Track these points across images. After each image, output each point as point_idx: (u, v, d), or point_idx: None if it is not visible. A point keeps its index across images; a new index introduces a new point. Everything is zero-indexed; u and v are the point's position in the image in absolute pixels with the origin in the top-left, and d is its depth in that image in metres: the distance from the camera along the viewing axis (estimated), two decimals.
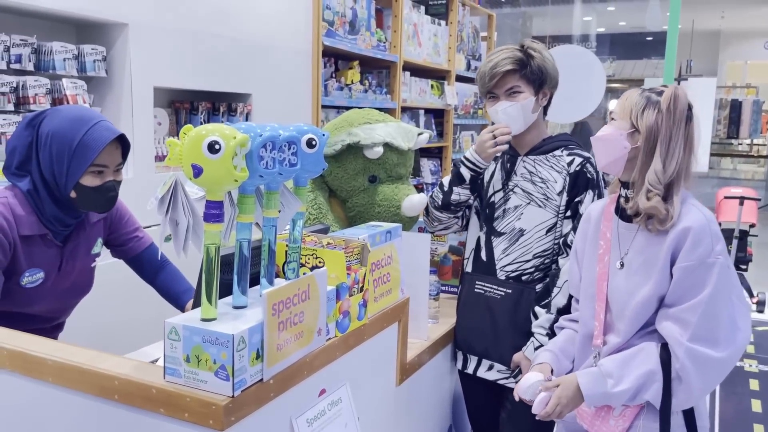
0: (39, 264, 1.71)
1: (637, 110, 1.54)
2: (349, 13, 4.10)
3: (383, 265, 1.67)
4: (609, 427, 1.57)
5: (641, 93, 1.58)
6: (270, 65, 3.43)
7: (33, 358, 1.30)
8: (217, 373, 1.14)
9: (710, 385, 1.51)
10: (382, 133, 2.12)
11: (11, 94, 2.33)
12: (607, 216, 1.67)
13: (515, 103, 1.93)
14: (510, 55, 1.92)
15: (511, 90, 1.94)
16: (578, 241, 1.77)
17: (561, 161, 1.96)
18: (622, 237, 1.63)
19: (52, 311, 1.81)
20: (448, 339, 2.10)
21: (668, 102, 1.53)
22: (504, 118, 1.94)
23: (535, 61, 1.93)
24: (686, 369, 1.47)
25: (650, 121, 1.52)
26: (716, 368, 1.48)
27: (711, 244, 1.49)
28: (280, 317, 1.22)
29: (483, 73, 1.96)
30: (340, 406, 1.46)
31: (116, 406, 1.21)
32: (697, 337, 1.47)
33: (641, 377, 1.51)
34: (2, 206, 1.64)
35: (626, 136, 1.56)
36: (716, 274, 1.47)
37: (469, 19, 5.94)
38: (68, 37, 2.68)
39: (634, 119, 1.54)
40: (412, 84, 5.01)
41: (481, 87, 2.00)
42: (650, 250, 1.56)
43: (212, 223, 1.16)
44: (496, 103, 1.96)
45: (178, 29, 2.85)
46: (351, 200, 2.17)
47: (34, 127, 1.66)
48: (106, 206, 1.72)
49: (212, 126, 1.13)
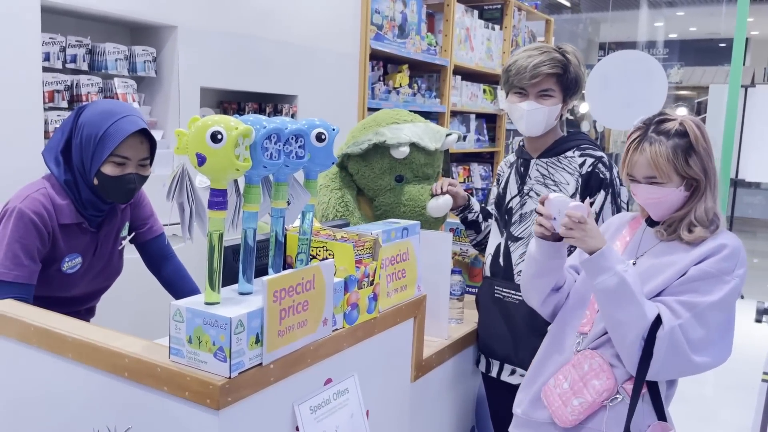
0: (76, 249, 1.81)
1: (680, 163, 1.51)
2: (398, 17, 4.15)
3: (398, 261, 1.69)
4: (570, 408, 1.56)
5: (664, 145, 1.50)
6: (316, 68, 3.50)
7: (55, 335, 1.39)
8: (216, 355, 1.18)
9: (670, 372, 1.50)
10: (409, 133, 2.14)
11: (65, 92, 2.48)
12: (633, 225, 1.67)
13: (542, 107, 1.90)
14: (554, 57, 1.89)
15: (545, 92, 1.91)
16: None
17: (573, 162, 1.93)
18: (644, 241, 1.62)
19: (88, 294, 1.92)
20: (470, 340, 2.09)
21: (701, 140, 1.52)
22: (527, 118, 1.91)
23: (572, 68, 1.91)
24: (662, 341, 1.45)
25: (699, 167, 1.53)
26: (683, 363, 1.47)
27: (736, 266, 1.50)
28: (282, 304, 1.26)
29: (522, 68, 1.88)
30: (347, 397, 1.49)
31: (125, 383, 1.28)
32: (684, 332, 1.46)
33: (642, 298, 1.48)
34: (42, 196, 1.73)
35: (683, 188, 1.54)
36: (727, 291, 1.48)
37: (525, 24, 5.88)
38: (122, 38, 2.82)
39: (683, 172, 1.52)
40: (463, 88, 5.01)
41: (512, 80, 1.92)
42: (668, 257, 1.55)
43: (216, 211, 1.21)
44: (523, 100, 1.92)
45: (226, 32, 2.95)
46: (378, 199, 2.20)
47: (76, 116, 1.78)
48: (125, 197, 1.80)
49: (217, 117, 1.18)
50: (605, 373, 1.54)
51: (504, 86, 1.99)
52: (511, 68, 1.92)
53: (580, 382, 1.56)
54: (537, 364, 1.72)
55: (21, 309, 1.54)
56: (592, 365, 1.56)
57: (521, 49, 1.97)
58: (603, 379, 1.53)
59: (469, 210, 2.21)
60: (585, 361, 1.57)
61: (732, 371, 4.38)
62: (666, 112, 1.58)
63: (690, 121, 1.54)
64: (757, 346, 5.00)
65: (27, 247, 1.68)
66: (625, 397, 1.53)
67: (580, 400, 1.55)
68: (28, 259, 1.68)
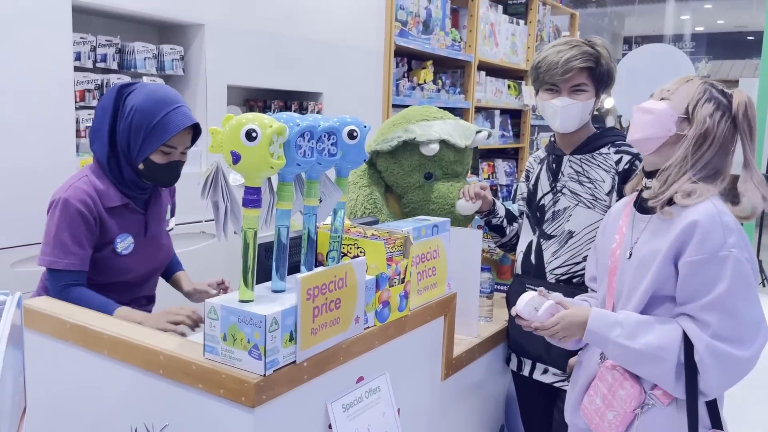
0: (127, 230, 1.87)
1: (696, 99, 1.46)
2: (423, 13, 4.13)
3: (428, 259, 1.68)
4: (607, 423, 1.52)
5: (704, 83, 1.50)
6: (341, 65, 3.50)
7: (92, 332, 1.41)
8: (250, 352, 1.18)
9: (729, 382, 1.42)
10: (439, 130, 2.13)
11: (96, 90, 2.51)
12: (626, 212, 1.61)
13: (577, 102, 1.87)
14: (585, 51, 1.85)
15: (578, 87, 1.87)
16: (598, 235, 1.72)
17: (609, 159, 1.89)
18: (635, 227, 1.56)
19: (144, 277, 1.95)
20: (500, 338, 2.08)
21: (743, 108, 1.46)
22: (562, 115, 1.88)
23: (604, 61, 1.88)
24: (704, 363, 1.38)
25: (706, 115, 1.45)
26: (738, 367, 1.39)
27: (723, 235, 1.38)
28: (315, 302, 1.26)
29: (553, 63, 1.84)
30: (379, 395, 1.48)
31: (161, 380, 1.29)
32: (719, 337, 1.38)
33: (650, 347, 1.43)
34: (84, 184, 1.78)
35: (677, 119, 1.48)
36: (731, 268, 1.37)
37: (550, 19, 5.82)
38: (150, 37, 2.85)
39: (691, 107, 1.46)
40: (487, 84, 4.97)
41: (543, 76, 1.88)
42: (656, 241, 1.48)
43: (250, 209, 1.21)
44: (555, 96, 1.88)
45: (252, 30, 2.96)
46: (407, 196, 2.19)
47: (121, 97, 1.81)
48: (170, 182, 1.89)
49: (251, 115, 1.18)
50: (628, 381, 1.49)
51: (534, 83, 1.96)
52: (541, 65, 1.88)
53: (609, 395, 1.53)
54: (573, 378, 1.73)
55: (58, 306, 1.56)
56: (615, 376, 1.52)
57: (549, 45, 1.93)
58: (627, 388, 1.49)
59: (494, 215, 2.18)
60: (607, 373, 1.54)
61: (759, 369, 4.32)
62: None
63: (746, 97, 1.48)
64: None
65: (75, 235, 1.73)
66: (657, 403, 1.47)
67: (613, 413, 1.52)
68: (77, 246, 1.74)
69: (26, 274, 2.29)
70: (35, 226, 2.32)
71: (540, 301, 1.58)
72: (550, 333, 1.57)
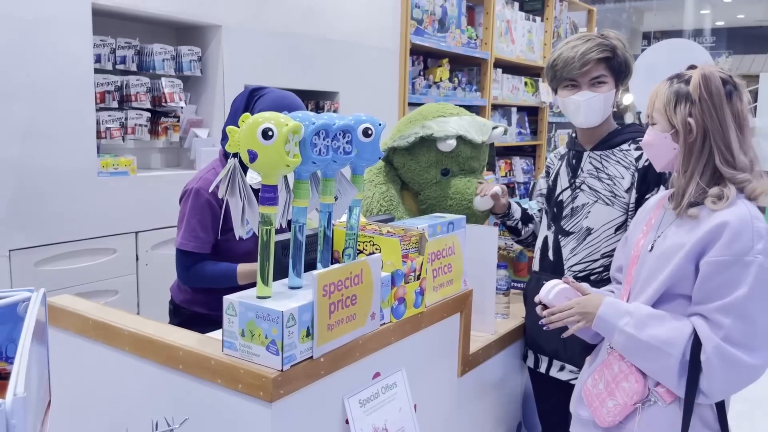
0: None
1: (669, 108, 1.45)
2: (438, 11, 4.13)
3: (444, 256, 1.68)
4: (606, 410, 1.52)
5: (669, 86, 1.47)
6: (357, 64, 3.52)
7: (113, 329, 1.43)
8: (268, 348, 1.20)
9: (734, 387, 1.40)
10: (456, 126, 2.13)
11: (115, 92, 2.55)
12: (660, 204, 1.59)
13: (599, 94, 1.86)
14: (600, 43, 1.84)
15: (597, 80, 1.86)
16: (631, 228, 1.71)
17: (629, 156, 1.88)
18: (664, 221, 1.54)
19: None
20: (517, 335, 2.08)
21: (698, 90, 1.41)
22: (585, 109, 1.86)
23: (620, 51, 1.87)
24: (711, 363, 1.37)
25: (684, 117, 1.42)
26: (745, 373, 1.37)
27: (752, 240, 1.35)
28: (331, 298, 1.27)
29: (569, 58, 1.83)
30: (395, 391, 1.49)
31: (180, 375, 1.31)
32: (730, 340, 1.36)
33: (656, 340, 1.41)
34: (212, 175, 1.90)
35: (670, 137, 1.46)
36: (754, 274, 1.34)
37: (567, 15, 5.79)
38: (168, 39, 2.88)
39: (669, 118, 1.45)
40: (504, 81, 4.96)
41: (560, 73, 1.87)
42: (681, 236, 1.45)
43: (267, 206, 1.23)
44: (576, 92, 1.87)
45: (269, 30, 2.99)
46: (423, 193, 2.20)
47: (252, 98, 1.96)
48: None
49: (268, 114, 1.20)
50: (634, 375, 1.48)
51: (551, 83, 1.94)
52: (557, 62, 1.87)
53: (612, 384, 1.53)
54: (588, 362, 1.71)
55: (81, 304, 1.59)
56: (621, 367, 1.52)
57: (562, 42, 1.92)
58: (632, 382, 1.48)
59: (509, 218, 2.18)
60: (615, 362, 1.54)
61: None
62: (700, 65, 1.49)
63: (701, 71, 1.43)
64: None
65: (202, 221, 1.89)
66: (660, 400, 1.46)
67: (614, 402, 1.51)
68: (203, 231, 1.90)
69: (49, 273, 2.34)
70: (57, 226, 2.37)
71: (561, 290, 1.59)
72: (565, 317, 1.56)
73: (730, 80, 1.45)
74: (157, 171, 2.81)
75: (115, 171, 2.51)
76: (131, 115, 2.61)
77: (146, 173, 2.70)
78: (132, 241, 2.62)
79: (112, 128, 2.54)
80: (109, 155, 2.56)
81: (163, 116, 2.76)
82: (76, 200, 2.40)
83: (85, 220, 2.45)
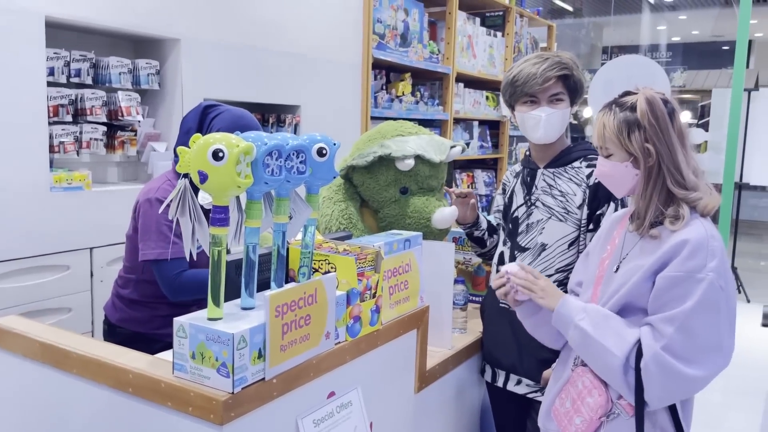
0: None
1: (623, 138, 1.48)
2: (400, 26, 4.16)
3: (400, 273, 1.69)
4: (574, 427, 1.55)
5: (613, 115, 1.50)
6: (319, 77, 3.52)
7: (60, 351, 1.40)
8: (219, 370, 1.19)
9: (670, 396, 1.45)
10: (414, 145, 2.15)
11: (70, 106, 2.50)
12: (622, 224, 1.64)
13: (558, 110, 1.90)
14: (558, 61, 1.89)
15: (556, 96, 1.91)
16: (591, 244, 1.75)
17: (580, 173, 1.93)
18: (627, 242, 1.58)
19: None
20: (474, 349, 2.09)
21: (646, 116, 1.47)
22: (545, 125, 1.90)
23: (575, 71, 1.92)
24: (648, 370, 1.41)
25: (641, 143, 1.47)
26: (683, 383, 1.41)
27: (705, 259, 1.40)
28: (284, 319, 1.27)
29: (531, 75, 1.87)
30: (350, 409, 1.49)
31: (130, 398, 1.29)
32: (670, 350, 1.40)
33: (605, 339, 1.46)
34: (168, 185, 1.90)
35: (631, 165, 1.50)
36: (702, 291, 1.39)
37: (527, 30, 5.89)
38: (125, 52, 2.85)
39: (626, 147, 1.49)
40: (465, 95, 5.02)
41: (521, 89, 1.90)
42: (644, 258, 1.50)
43: (218, 227, 1.22)
44: (535, 107, 1.91)
45: (229, 44, 2.97)
46: (382, 211, 2.21)
47: (206, 117, 1.93)
48: None
49: (219, 135, 1.19)
50: (597, 389, 1.51)
51: (509, 99, 1.97)
52: (517, 78, 1.90)
53: (578, 401, 1.55)
54: (551, 382, 1.74)
55: (26, 325, 1.55)
56: (584, 383, 1.55)
57: (521, 61, 1.96)
58: (595, 396, 1.51)
59: (476, 227, 2.22)
60: (578, 379, 1.57)
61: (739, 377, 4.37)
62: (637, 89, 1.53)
63: (644, 96, 1.48)
64: (764, 350, 4.99)
65: (172, 227, 1.84)
66: (623, 413, 1.49)
67: (580, 419, 1.54)
68: (176, 236, 1.81)
69: None
70: (7, 243, 2.31)
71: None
72: (531, 281, 1.59)
73: (669, 100, 1.51)
74: (114, 185, 2.76)
75: (69, 186, 2.46)
76: (86, 129, 2.56)
77: (102, 188, 2.65)
78: (86, 257, 2.57)
79: (65, 142, 2.49)
80: (63, 170, 2.51)
81: (120, 130, 2.72)
82: (28, 216, 2.35)
83: (37, 236, 2.39)
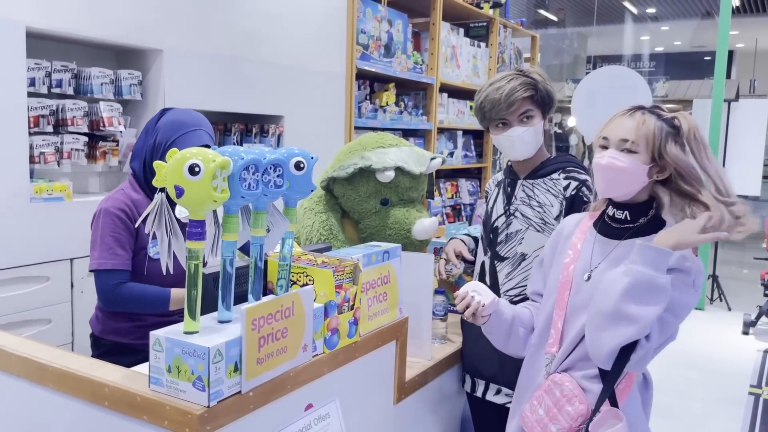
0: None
1: (661, 141, 1.49)
2: (384, 36, 4.19)
3: (379, 285, 1.70)
4: None
5: (655, 118, 1.52)
6: (303, 88, 3.53)
7: (36, 364, 1.40)
8: (194, 384, 1.19)
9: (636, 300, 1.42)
10: (394, 157, 2.17)
11: (51, 116, 2.49)
12: (582, 229, 1.65)
13: (529, 128, 1.94)
14: (522, 81, 1.92)
15: (525, 115, 1.94)
16: (547, 249, 1.76)
17: (558, 185, 1.95)
18: (597, 251, 1.60)
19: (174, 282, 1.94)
20: (454, 360, 2.10)
21: (691, 135, 1.50)
22: (518, 143, 1.94)
23: (541, 86, 1.95)
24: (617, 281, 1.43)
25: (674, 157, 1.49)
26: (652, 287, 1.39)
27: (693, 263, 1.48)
28: (261, 332, 1.27)
29: (495, 100, 1.91)
30: (328, 422, 1.50)
31: (106, 412, 1.29)
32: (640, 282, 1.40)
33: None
34: (121, 195, 1.97)
35: (648, 169, 1.52)
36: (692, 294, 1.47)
37: (511, 41, 5.95)
38: (107, 62, 2.84)
39: (656, 152, 1.50)
40: (449, 105, 5.05)
41: (489, 114, 1.95)
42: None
43: (194, 241, 1.23)
44: (507, 129, 1.95)
45: (211, 54, 2.98)
46: (363, 222, 2.22)
47: (158, 118, 2.00)
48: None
49: (196, 150, 1.20)
50: (577, 398, 1.53)
51: (482, 123, 2.02)
52: (485, 104, 1.94)
53: (554, 409, 1.57)
54: (519, 390, 1.75)
55: (2, 338, 1.54)
56: (564, 391, 1.56)
57: (486, 85, 1.98)
58: (576, 404, 1.53)
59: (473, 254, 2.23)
60: (556, 387, 1.58)
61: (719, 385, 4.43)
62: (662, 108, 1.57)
63: (686, 115, 1.52)
64: (744, 358, 5.05)
65: (117, 238, 1.91)
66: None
67: (557, 426, 1.55)
68: (120, 248, 1.92)
69: None
70: None
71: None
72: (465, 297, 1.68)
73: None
74: (95, 196, 2.75)
75: (50, 196, 2.45)
76: (67, 140, 2.55)
77: (83, 198, 2.64)
78: (67, 268, 2.56)
79: (46, 153, 2.48)
80: (43, 180, 2.50)
81: (102, 140, 2.71)
82: (8, 226, 2.34)
83: (17, 246, 2.38)
